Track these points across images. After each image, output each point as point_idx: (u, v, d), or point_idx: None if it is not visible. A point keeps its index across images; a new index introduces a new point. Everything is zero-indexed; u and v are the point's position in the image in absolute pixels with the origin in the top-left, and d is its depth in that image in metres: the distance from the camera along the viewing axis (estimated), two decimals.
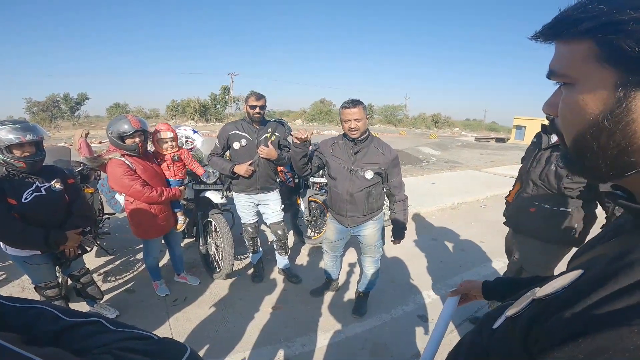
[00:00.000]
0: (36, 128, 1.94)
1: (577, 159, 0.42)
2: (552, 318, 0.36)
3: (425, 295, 2.95)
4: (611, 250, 0.41)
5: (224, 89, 43.12)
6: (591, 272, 0.38)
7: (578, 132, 0.40)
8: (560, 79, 0.41)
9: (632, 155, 0.36)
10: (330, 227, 2.55)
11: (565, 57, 0.39)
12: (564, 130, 0.43)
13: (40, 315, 0.46)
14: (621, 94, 0.34)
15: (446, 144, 21.13)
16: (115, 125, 2.38)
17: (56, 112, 35.42)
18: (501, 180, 7.92)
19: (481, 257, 3.76)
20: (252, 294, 2.90)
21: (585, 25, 0.36)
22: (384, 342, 2.33)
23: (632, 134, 0.35)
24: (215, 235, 3.07)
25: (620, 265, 0.34)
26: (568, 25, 0.38)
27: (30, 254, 1.95)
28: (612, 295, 0.32)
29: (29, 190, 1.89)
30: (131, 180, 2.37)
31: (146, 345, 0.46)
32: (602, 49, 0.35)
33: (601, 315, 0.31)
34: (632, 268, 0.33)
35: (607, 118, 0.36)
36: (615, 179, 0.40)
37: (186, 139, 3.49)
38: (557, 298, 0.39)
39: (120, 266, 3.37)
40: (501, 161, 13.22)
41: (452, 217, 5.24)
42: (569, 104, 0.40)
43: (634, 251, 0.35)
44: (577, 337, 0.31)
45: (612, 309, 0.31)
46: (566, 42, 0.39)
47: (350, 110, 2.12)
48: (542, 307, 0.40)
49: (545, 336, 0.35)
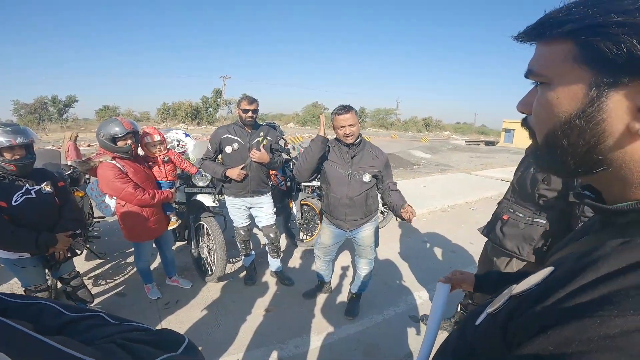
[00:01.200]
0: (27, 131, 1.93)
1: (546, 155, 0.44)
2: (526, 313, 0.38)
3: (417, 296, 2.99)
4: (580, 248, 0.43)
5: (215, 92, 42.95)
6: (561, 268, 0.41)
7: (550, 129, 0.41)
8: (537, 78, 0.43)
9: (601, 153, 0.38)
10: (326, 232, 2.54)
11: (544, 57, 0.41)
12: (537, 128, 0.44)
13: (43, 311, 0.48)
14: (594, 94, 0.36)
15: (437, 147, 21.38)
16: (107, 128, 2.37)
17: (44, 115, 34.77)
18: (491, 183, 8.03)
19: (470, 258, 3.82)
20: (245, 297, 2.89)
21: (568, 27, 0.37)
22: (377, 343, 2.36)
23: (602, 132, 0.36)
24: (208, 239, 3.06)
25: (586, 261, 0.37)
26: (551, 26, 0.39)
27: (20, 256, 1.93)
28: (578, 290, 0.34)
29: (19, 192, 1.87)
30: (123, 183, 2.36)
31: (146, 336, 0.48)
32: (582, 50, 0.37)
33: (568, 309, 0.33)
34: (596, 264, 0.35)
35: (579, 116, 0.37)
36: (583, 175, 0.42)
37: (178, 142, 3.48)
38: (531, 294, 0.41)
39: (111, 269, 3.33)
40: (491, 164, 13.43)
41: (442, 220, 5.31)
42: (543, 102, 0.42)
43: (599, 248, 0.37)
44: (546, 329, 0.33)
45: (578, 302, 0.33)
46: (547, 43, 0.41)
47: (343, 116, 2.14)
48: (517, 302, 0.42)
49: (520, 330, 0.37)
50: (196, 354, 0.51)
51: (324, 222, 2.57)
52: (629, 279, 0.31)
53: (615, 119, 0.36)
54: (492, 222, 1.98)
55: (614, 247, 0.36)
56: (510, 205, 1.88)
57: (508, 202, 1.91)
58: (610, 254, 0.36)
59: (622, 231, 0.38)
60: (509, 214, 1.86)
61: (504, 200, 1.96)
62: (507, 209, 1.89)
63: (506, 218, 1.86)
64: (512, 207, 1.86)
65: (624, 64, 0.34)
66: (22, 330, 0.35)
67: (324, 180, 2.39)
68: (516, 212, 1.82)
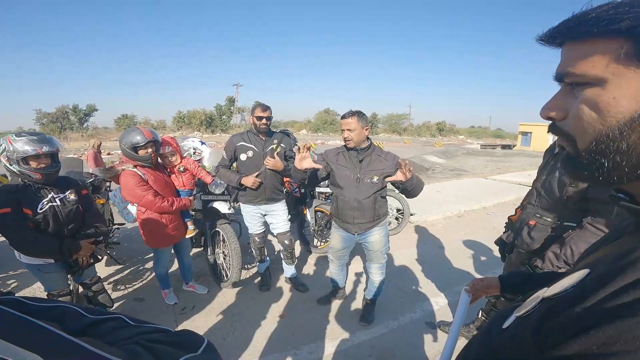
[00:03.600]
0: (52, 140, 2.00)
1: (591, 162, 0.41)
2: (563, 314, 0.38)
3: (433, 302, 2.95)
4: (615, 251, 0.42)
5: (229, 100, 43.67)
6: (597, 270, 0.40)
7: (601, 133, 0.38)
8: (581, 79, 0.40)
9: None
10: (336, 236, 2.57)
11: (589, 56, 0.39)
12: (579, 133, 0.41)
13: (65, 313, 0.50)
14: None
15: (451, 152, 21.09)
16: (128, 137, 2.45)
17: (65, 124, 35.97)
18: (508, 187, 7.87)
19: (489, 264, 3.75)
20: (260, 303, 2.92)
21: (624, 24, 0.35)
22: (392, 349, 2.33)
23: None
24: (223, 245, 3.11)
25: (624, 262, 0.36)
26: (600, 24, 0.37)
27: (45, 262, 2.00)
28: (619, 290, 0.33)
29: (45, 200, 1.95)
30: (143, 191, 2.43)
31: (167, 337, 0.50)
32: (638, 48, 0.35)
33: (610, 309, 0.33)
34: (635, 265, 0.35)
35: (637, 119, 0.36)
36: (625, 182, 0.40)
37: (194, 150, 3.56)
38: (567, 295, 0.40)
39: (130, 275, 3.42)
40: (507, 168, 13.15)
41: (458, 225, 5.23)
42: (593, 104, 0.39)
43: (636, 250, 0.37)
44: (588, 329, 0.33)
45: (620, 302, 0.32)
46: (588, 42, 0.39)
47: (344, 120, 2.21)
48: (552, 304, 0.42)
49: (557, 331, 0.37)
50: (215, 354, 0.52)
51: (333, 226, 2.59)
52: None
53: None
54: (518, 228, 1.95)
55: None
56: (536, 210, 1.85)
57: (533, 208, 1.87)
58: None
59: None
60: (535, 219, 1.83)
61: (528, 206, 1.92)
62: (532, 214, 1.86)
63: (533, 223, 1.83)
64: (538, 212, 1.83)
65: None
66: (54, 331, 0.37)
67: (333, 183, 2.42)
68: (543, 216, 1.80)
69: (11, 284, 3.21)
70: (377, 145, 2.39)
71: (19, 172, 1.87)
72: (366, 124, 2.25)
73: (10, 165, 1.87)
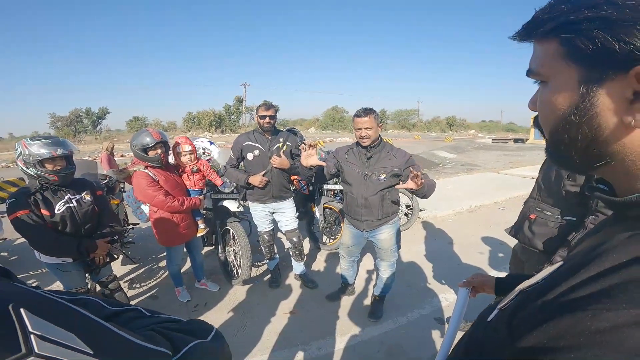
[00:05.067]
0: (66, 143, 2.07)
1: (554, 152, 0.44)
2: (530, 306, 0.39)
3: (442, 298, 2.95)
4: (592, 243, 0.43)
5: (237, 100, 44.00)
6: (569, 262, 0.41)
7: (553, 126, 0.42)
8: (536, 76, 0.43)
9: (600, 147, 0.38)
10: (346, 233, 2.60)
11: (539, 55, 0.42)
12: (543, 125, 0.44)
13: (87, 305, 0.53)
14: (584, 89, 0.36)
15: (462, 147, 20.84)
16: (138, 139, 2.52)
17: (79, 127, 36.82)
18: (520, 182, 7.75)
19: (501, 259, 3.72)
20: (270, 299, 2.96)
21: (549, 25, 0.38)
22: (401, 345, 2.35)
23: (597, 127, 0.36)
24: (234, 243, 3.16)
25: (593, 255, 0.36)
26: (537, 25, 0.40)
27: (63, 261, 2.08)
28: (580, 283, 0.34)
29: (62, 202, 2.02)
30: (154, 191, 2.50)
31: (179, 325, 0.54)
32: (566, 48, 0.37)
33: (566, 302, 0.33)
34: (601, 257, 0.35)
35: (574, 112, 0.38)
36: (588, 169, 0.42)
37: (203, 150, 3.63)
38: (538, 287, 0.41)
39: (145, 274, 3.51)
40: (520, 162, 12.93)
41: (469, 221, 5.18)
42: (543, 100, 0.42)
43: (607, 242, 0.37)
44: (544, 322, 0.33)
45: (577, 296, 0.33)
46: (539, 41, 0.41)
47: (361, 119, 2.20)
48: (524, 296, 0.43)
49: (523, 322, 0.38)
50: (223, 341, 0.57)
51: (344, 223, 2.62)
52: (630, 272, 0.31)
53: (608, 112, 0.36)
54: (519, 221, 1.95)
55: (621, 240, 0.36)
56: (537, 204, 1.85)
57: (534, 201, 1.87)
58: (616, 247, 0.36)
59: (632, 224, 0.37)
60: (536, 213, 1.82)
61: (530, 199, 1.93)
62: (534, 207, 1.85)
63: (534, 217, 1.83)
64: (540, 206, 1.82)
65: (603, 58, 0.34)
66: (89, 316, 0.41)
67: (343, 180, 2.44)
68: (544, 210, 1.79)
69: (31, 283, 3.32)
70: (387, 142, 2.38)
71: (35, 174, 1.94)
72: (379, 121, 2.27)
73: (27, 169, 1.94)
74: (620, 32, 0.33)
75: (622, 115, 0.35)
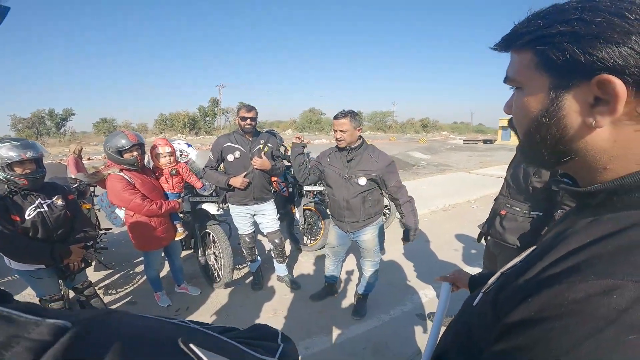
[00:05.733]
0: (35, 145, 1.98)
1: (527, 150, 0.50)
2: (510, 285, 0.43)
3: (422, 294, 3.03)
4: (559, 229, 0.48)
5: (212, 101, 43.15)
6: (540, 246, 0.47)
7: (526, 127, 0.47)
8: (512, 83, 0.49)
9: (566, 144, 0.43)
10: (332, 233, 2.64)
11: (516, 64, 0.47)
12: (517, 127, 0.50)
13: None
14: (553, 95, 0.42)
15: (435, 148, 21.47)
16: (113, 141, 2.43)
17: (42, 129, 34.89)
18: (490, 181, 8.10)
19: (474, 255, 3.86)
20: (253, 301, 2.94)
21: (526, 38, 0.43)
22: (385, 342, 2.40)
23: (564, 127, 0.42)
24: (214, 246, 3.11)
25: (560, 238, 0.42)
26: (516, 38, 0.45)
27: (35, 268, 1.98)
28: (553, 262, 0.38)
29: (32, 207, 1.93)
30: (131, 195, 2.42)
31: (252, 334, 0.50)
32: (539, 58, 0.42)
33: (543, 278, 0.38)
34: (568, 239, 0.40)
35: (544, 115, 0.43)
36: (556, 165, 0.48)
37: (181, 153, 3.55)
38: (515, 269, 0.47)
39: (121, 279, 3.38)
40: (489, 162, 13.48)
41: (444, 219, 5.36)
42: (519, 104, 0.47)
43: (572, 227, 0.43)
44: (527, 298, 0.37)
45: (551, 273, 0.37)
46: (516, 52, 0.46)
47: (337, 121, 2.22)
48: (505, 278, 0.48)
49: (506, 301, 0.41)
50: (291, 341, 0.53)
51: (331, 223, 2.65)
52: (593, 250, 0.36)
53: (572, 115, 0.41)
54: (490, 218, 2.05)
55: (584, 225, 0.42)
56: (506, 200, 1.95)
57: (504, 198, 1.97)
58: (579, 230, 0.41)
59: (593, 211, 0.43)
60: (506, 209, 1.92)
61: (500, 197, 2.03)
62: (503, 204, 1.95)
63: (504, 213, 1.92)
64: (509, 202, 1.92)
65: (571, 68, 0.39)
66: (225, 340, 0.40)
67: (326, 183, 2.47)
68: (513, 206, 1.89)
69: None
70: (370, 145, 2.38)
71: (4, 178, 1.85)
72: (359, 124, 2.26)
73: None
74: (586, 45, 0.38)
75: (584, 117, 0.40)
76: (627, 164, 0.40)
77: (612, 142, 0.40)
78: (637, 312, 0.30)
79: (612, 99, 0.37)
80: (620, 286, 0.32)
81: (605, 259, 0.35)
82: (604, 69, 0.37)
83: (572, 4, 0.41)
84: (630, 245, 0.35)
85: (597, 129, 0.40)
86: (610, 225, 0.39)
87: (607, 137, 0.40)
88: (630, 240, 0.35)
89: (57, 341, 0.22)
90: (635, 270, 0.32)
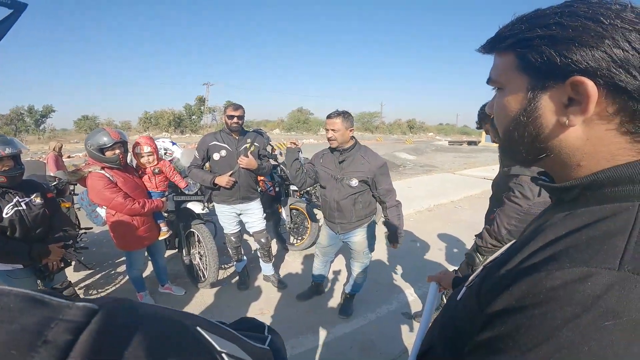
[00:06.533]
0: (14, 141, 1.92)
1: (507, 148, 0.52)
2: (493, 276, 0.46)
3: (408, 293, 3.06)
4: (538, 223, 0.51)
5: (199, 100, 42.49)
6: (520, 239, 0.50)
7: (506, 126, 0.49)
8: (494, 84, 0.51)
9: (542, 142, 0.45)
10: (323, 233, 2.65)
11: (498, 66, 0.49)
12: (498, 125, 0.52)
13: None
14: (531, 95, 0.44)
15: (421, 149, 21.75)
16: (94, 138, 2.37)
17: (20, 126, 33.58)
18: (474, 182, 8.25)
19: (458, 255, 3.93)
20: (239, 301, 2.91)
21: (508, 42, 0.45)
22: (372, 340, 2.41)
23: (540, 126, 0.44)
24: (199, 246, 3.07)
25: (538, 231, 0.45)
26: (499, 41, 0.47)
27: (13, 267, 1.91)
28: (531, 254, 0.41)
29: (10, 205, 1.86)
30: (112, 193, 2.36)
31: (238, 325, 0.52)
32: (519, 61, 0.44)
33: (523, 268, 0.40)
34: (545, 232, 0.43)
35: (522, 114, 0.45)
36: (534, 162, 0.50)
37: (165, 151, 3.49)
38: (496, 262, 0.49)
39: (102, 279, 3.30)
40: (474, 163, 13.75)
41: (429, 219, 5.43)
42: (499, 104, 0.50)
43: (548, 221, 0.46)
44: (508, 287, 0.39)
45: (531, 263, 0.40)
46: (499, 54, 0.49)
47: (329, 120, 2.21)
48: (487, 270, 0.50)
49: (489, 292, 0.44)
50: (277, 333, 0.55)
51: (322, 224, 2.66)
52: (569, 241, 0.39)
53: (548, 114, 0.43)
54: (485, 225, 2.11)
55: (560, 218, 0.44)
56: (493, 205, 2.02)
57: (491, 203, 2.07)
58: (556, 223, 0.44)
59: (569, 206, 0.45)
60: (493, 213, 1.96)
61: (490, 201, 2.11)
62: (491, 209, 2.04)
63: (493, 218, 1.96)
64: (495, 206, 1.96)
65: (548, 69, 0.41)
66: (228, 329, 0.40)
67: (320, 184, 2.46)
68: None
69: None
70: (363, 146, 2.36)
71: None
72: (351, 124, 2.23)
73: None
74: (562, 48, 0.39)
75: (559, 116, 0.42)
76: (598, 160, 0.42)
77: (585, 140, 0.42)
78: (611, 299, 0.32)
79: (584, 99, 0.39)
80: (595, 273, 0.34)
81: (580, 248, 0.37)
82: (578, 71, 0.39)
83: (553, 9, 0.43)
84: (603, 236, 0.37)
85: (570, 127, 0.42)
86: (585, 217, 0.41)
87: (580, 136, 0.42)
88: (603, 231, 0.38)
89: (91, 321, 0.24)
90: (608, 259, 0.34)
